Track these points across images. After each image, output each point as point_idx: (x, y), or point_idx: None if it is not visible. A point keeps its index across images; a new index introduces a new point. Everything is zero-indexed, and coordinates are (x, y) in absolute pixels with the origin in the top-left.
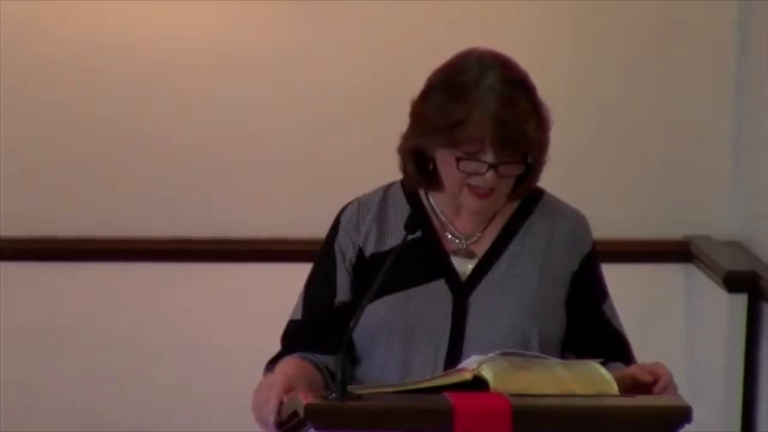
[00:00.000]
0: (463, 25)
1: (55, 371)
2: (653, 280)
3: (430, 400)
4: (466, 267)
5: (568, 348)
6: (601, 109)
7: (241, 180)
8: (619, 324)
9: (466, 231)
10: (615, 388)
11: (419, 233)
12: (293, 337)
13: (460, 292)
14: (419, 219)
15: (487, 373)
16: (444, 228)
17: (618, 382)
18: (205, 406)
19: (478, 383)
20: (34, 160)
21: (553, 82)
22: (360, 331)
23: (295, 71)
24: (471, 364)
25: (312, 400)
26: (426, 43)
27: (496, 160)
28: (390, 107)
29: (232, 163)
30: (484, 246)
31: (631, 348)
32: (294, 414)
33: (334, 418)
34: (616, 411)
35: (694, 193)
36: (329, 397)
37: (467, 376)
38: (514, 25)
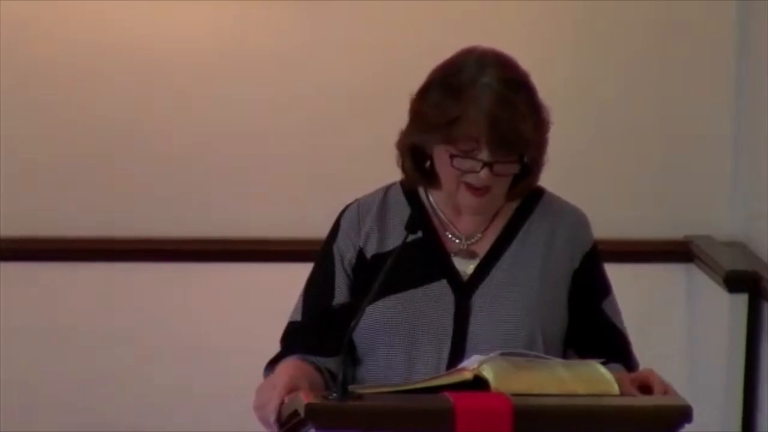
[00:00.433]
0: (463, 25)
1: (55, 371)
2: (654, 281)
3: (431, 400)
4: (467, 267)
5: (570, 346)
6: (601, 109)
7: (241, 180)
8: (619, 321)
9: (467, 231)
10: (616, 388)
11: (420, 234)
12: (293, 338)
13: (462, 292)
14: (420, 219)
15: (487, 372)
16: (445, 228)
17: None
18: (205, 406)
19: (478, 383)
20: (34, 160)
21: (553, 82)
22: (362, 331)
23: (295, 71)
24: (472, 364)
25: (313, 399)
26: (426, 43)
27: (491, 158)
28: (390, 107)
29: (232, 163)
30: (485, 246)
31: (631, 346)
32: (295, 413)
33: (335, 418)
34: (617, 411)
35: (694, 193)
36: (330, 397)
37: (468, 375)
38: (514, 25)
